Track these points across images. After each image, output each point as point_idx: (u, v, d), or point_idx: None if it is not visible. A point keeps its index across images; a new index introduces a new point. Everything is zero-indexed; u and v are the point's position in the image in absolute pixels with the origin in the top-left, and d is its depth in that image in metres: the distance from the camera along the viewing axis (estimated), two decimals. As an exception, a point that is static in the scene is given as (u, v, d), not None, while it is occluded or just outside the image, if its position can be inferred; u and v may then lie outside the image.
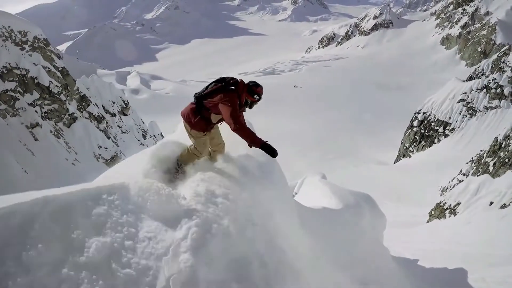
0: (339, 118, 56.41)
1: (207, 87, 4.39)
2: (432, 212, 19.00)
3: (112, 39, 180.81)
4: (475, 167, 24.91)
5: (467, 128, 34.44)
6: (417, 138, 38.24)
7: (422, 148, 37.34)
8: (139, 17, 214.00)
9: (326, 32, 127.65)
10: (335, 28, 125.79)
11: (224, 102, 4.12)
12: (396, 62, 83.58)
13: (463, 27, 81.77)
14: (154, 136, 37.47)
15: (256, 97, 4.27)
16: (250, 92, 4.23)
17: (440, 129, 36.10)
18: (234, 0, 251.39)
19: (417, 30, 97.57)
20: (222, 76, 4.37)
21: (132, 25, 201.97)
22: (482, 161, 23.94)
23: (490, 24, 72.42)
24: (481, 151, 25.84)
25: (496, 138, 23.48)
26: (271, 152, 3.99)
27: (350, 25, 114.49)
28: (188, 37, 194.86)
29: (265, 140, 4.01)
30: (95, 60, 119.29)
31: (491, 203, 14.93)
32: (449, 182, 26.51)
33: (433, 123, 36.88)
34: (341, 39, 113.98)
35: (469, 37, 76.85)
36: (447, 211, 17.15)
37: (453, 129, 35.32)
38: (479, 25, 76.14)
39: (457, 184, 25.25)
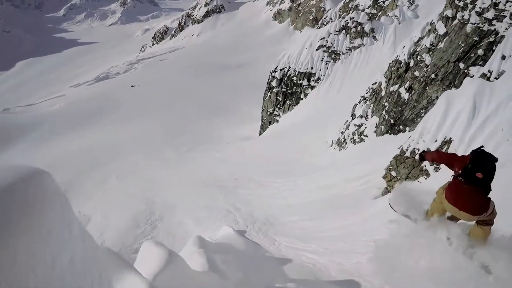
0: (187, 108, 47.14)
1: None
2: (391, 168, 10.05)
3: None
4: (372, 104, 17.47)
5: (334, 73, 27.80)
6: (280, 99, 30.48)
7: (289, 108, 29.68)
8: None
9: (159, 28, 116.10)
10: (167, 23, 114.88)
11: None
12: (233, 43, 77.60)
13: (292, 1, 78.70)
14: None
15: None
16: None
17: (304, 82, 28.84)
18: (59, 11, 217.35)
19: (249, 11, 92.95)
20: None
21: None
22: (384, 92, 16.50)
23: (318, -6, 70.22)
24: (373, 84, 18.57)
25: (397, 60, 16.17)
26: None
27: (182, 16, 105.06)
28: (12, 60, 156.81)
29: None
30: None
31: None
32: (342, 133, 18.70)
33: (294, 78, 29.43)
34: (175, 32, 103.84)
35: (300, 8, 74.10)
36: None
37: (319, 78, 28.33)
38: (307, -3, 73.79)
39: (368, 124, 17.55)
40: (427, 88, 13.24)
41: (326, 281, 5.31)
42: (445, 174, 7.67)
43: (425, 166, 8.29)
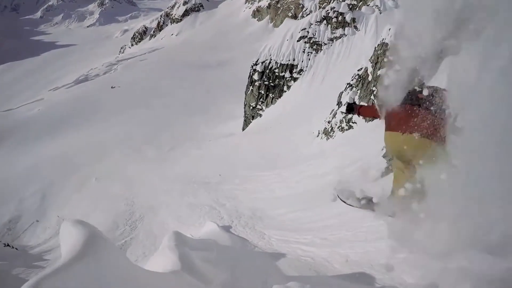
0: (169, 107, 46.04)
1: None
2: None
3: None
4: (359, 90, 16.69)
5: (316, 64, 27.04)
6: (263, 92, 29.53)
7: (272, 102, 28.77)
8: None
9: (138, 29, 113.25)
10: (146, 23, 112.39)
11: None
12: (212, 42, 76.26)
13: (271, -2, 77.91)
14: None
15: None
16: None
17: (287, 74, 27.98)
18: (35, 13, 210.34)
19: (228, 9, 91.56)
20: None
21: None
22: (371, 77, 15.73)
23: (297, -9, 69.51)
24: (358, 70, 17.79)
25: (383, 43, 15.43)
26: None
27: (161, 16, 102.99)
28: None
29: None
30: None
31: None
32: (328, 122, 17.89)
33: (276, 70, 28.55)
34: (154, 31, 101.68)
35: (279, 5, 73.31)
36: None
37: (301, 70, 27.52)
38: (286, -6, 72.98)
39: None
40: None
41: (331, 276, 4.38)
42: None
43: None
